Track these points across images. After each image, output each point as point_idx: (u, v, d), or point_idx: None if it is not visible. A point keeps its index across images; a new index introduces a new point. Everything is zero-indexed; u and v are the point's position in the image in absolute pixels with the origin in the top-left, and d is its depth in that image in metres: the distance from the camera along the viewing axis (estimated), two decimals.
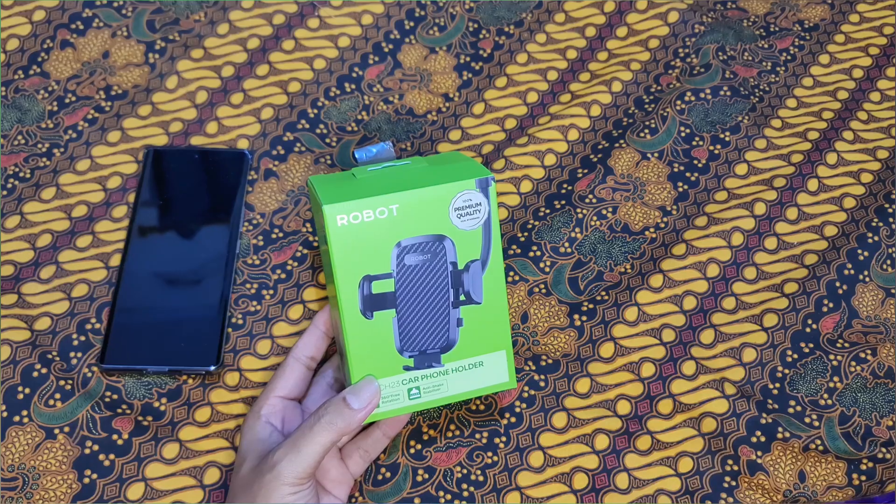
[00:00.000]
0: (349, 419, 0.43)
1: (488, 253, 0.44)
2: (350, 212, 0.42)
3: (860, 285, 0.57)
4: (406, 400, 0.45)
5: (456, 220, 0.43)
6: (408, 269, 0.44)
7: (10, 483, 0.49)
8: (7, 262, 0.55)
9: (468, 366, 0.45)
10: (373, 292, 0.43)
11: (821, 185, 0.61)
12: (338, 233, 0.42)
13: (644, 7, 0.67)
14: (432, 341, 0.45)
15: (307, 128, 0.61)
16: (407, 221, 0.43)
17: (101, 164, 0.58)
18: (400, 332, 0.44)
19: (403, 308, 0.44)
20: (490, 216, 0.44)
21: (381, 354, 0.44)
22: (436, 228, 0.43)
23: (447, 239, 0.44)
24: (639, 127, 0.62)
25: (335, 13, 0.64)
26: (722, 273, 0.58)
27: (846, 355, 0.55)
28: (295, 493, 0.42)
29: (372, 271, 0.43)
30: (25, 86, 0.60)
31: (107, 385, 0.52)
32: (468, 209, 0.43)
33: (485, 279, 0.44)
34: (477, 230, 0.44)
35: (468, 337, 0.45)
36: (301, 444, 0.42)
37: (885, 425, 0.53)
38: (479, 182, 0.43)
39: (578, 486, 0.51)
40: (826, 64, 0.66)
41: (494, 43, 0.65)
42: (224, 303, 0.54)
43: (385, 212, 0.42)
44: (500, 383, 0.46)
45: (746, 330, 0.56)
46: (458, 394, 0.46)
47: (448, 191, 0.43)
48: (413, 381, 0.45)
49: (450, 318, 0.45)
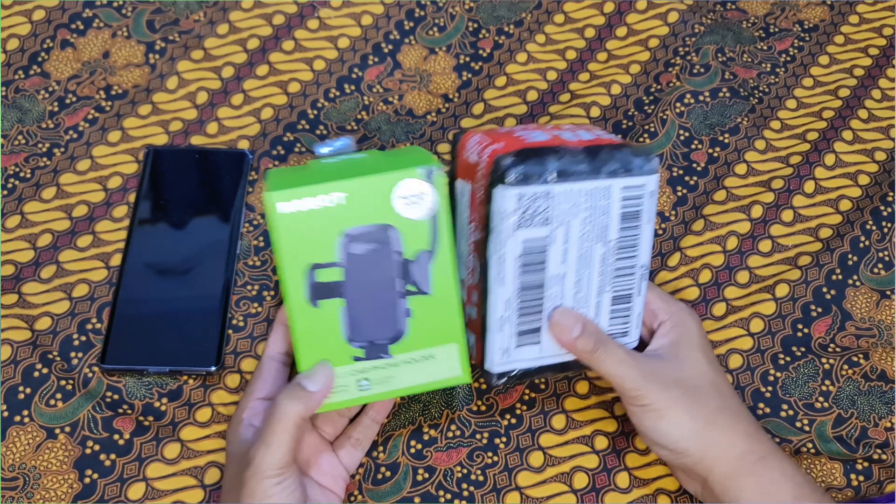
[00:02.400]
0: (306, 402, 0.43)
1: (436, 243, 0.44)
2: (290, 198, 0.42)
3: (850, 289, 0.57)
4: (356, 391, 0.44)
5: (401, 210, 0.43)
6: (354, 259, 0.43)
7: (11, 483, 0.49)
8: (7, 261, 0.55)
9: (419, 358, 0.45)
10: (319, 280, 0.43)
11: (817, 187, 0.61)
12: (281, 220, 0.42)
13: (644, 7, 0.67)
14: (380, 332, 0.44)
15: (307, 128, 0.61)
16: (352, 210, 0.43)
17: (101, 164, 0.58)
18: (348, 321, 0.44)
19: (351, 297, 0.44)
20: (437, 206, 0.43)
21: (328, 344, 0.44)
22: (381, 217, 0.43)
23: (392, 228, 0.43)
24: (638, 131, 0.62)
25: (335, 14, 0.64)
26: (714, 278, 0.58)
27: (838, 359, 0.55)
28: (277, 485, 0.42)
29: (318, 259, 0.43)
30: (26, 86, 0.60)
31: (107, 385, 0.52)
32: (413, 198, 0.43)
33: (433, 270, 0.44)
34: (425, 220, 0.43)
35: (418, 329, 0.44)
36: (267, 436, 0.43)
37: (882, 427, 0.53)
38: (423, 171, 0.43)
39: (579, 486, 0.51)
40: (826, 65, 0.66)
41: (494, 43, 0.65)
42: (225, 303, 0.54)
43: (330, 200, 0.42)
44: (453, 377, 0.45)
45: (735, 335, 0.56)
46: (409, 387, 0.45)
47: (391, 179, 0.43)
48: (362, 373, 0.44)
49: (397, 308, 0.44)
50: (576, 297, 0.45)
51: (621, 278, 0.46)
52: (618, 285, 0.46)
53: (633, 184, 0.44)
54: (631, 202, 0.44)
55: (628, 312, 0.47)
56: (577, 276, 0.45)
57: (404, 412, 0.53)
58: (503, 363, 0.45)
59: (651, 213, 0.45)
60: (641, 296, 0.47)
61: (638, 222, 0.45)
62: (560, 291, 0.45)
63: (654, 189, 0.45)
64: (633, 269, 0.46)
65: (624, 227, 0.45)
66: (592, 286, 0.45)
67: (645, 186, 0.44)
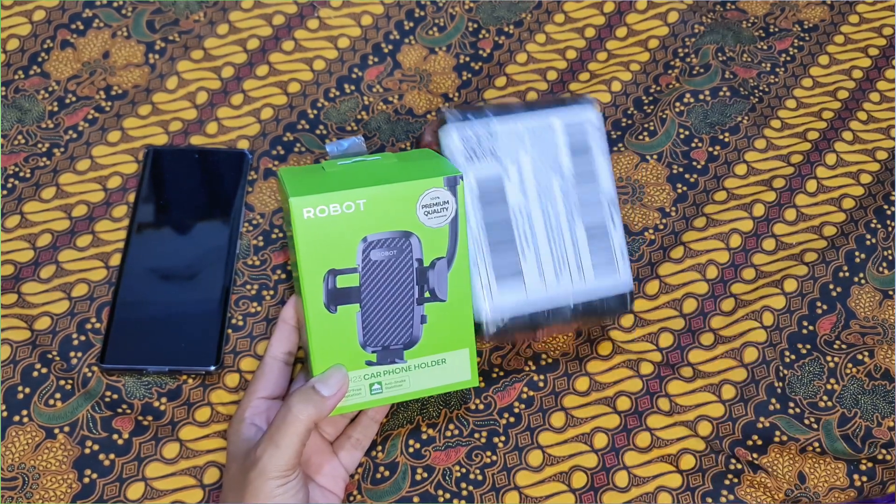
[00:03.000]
0: (319, 406, 0.43)
1: (454, 251, 0.44)
2: (317, 205, 0.42)
3: (856, 287, 0.57)
4: (368, 395, 0.45)
5: (423, 218, 0.44)
6: (373, 265, 0.44)
7: (10, 483, 0.49)
8: (7, 261, 0.55)
9: (431, 363, 0.45)
10: (337, 286, 0.43)
11: (820, 186, 0.61)
12: (304, 225, 0.42)
13: (644, 7, 0.67)
14: (396, 337, 0.45)
15: (307, 128, 0.61)
16: (373, 217, 0.43)
17: (101, 164, 0.58)
18: (363, 326, 0.44)
19: (367, 303, 0.44)
20: (457, 214, 0.44)
21: (343, 348, 0.44)
22: (402, 225, 0.43)
23: (413, 235, 0.44)
24: (637, 129, 0.62)
25: (335, 14, 0.65)
26: (720, 274, 0.58)
27: (843, 357, 0.55)
28: (282, 486, 0.42)
29: (337, 265, 0.43)
30: (26, 86, 0.60)
31: (107, 385, 0.52)
32: (435, 206, 0.44)
33: (450, 277, 0.44)
34: (444, 228, 0.44)
35: (431, 334, 0.45)
36: (277, 438, 0.43)
37: (885, 426, 0.53)
38: (448, 180, 0.43)
39: (577, 485, 0.51)
40: (825, 65, 0.66)
41: (494, 43, 0.65)
42: (224, 303, 0.54)
43: (352, 206, 0.43)
44: (463, 381, 0.46)
45: (749, 328, 0.56)
46: (420, 390, 0.46)
47: (416, 188, 0.43)
48: (375, 377, 0.45)
49: (414, 314, 0.45)
50: (547, 229, 0.46)
51: (588, 207, 0.47)
52: (587, 215, 0.47)
53: (572, 117, 0.47)
54: (576, 135, 0.47)
55: (609, 246, 0.47)
56: (543, 209, 0.46)
57: (402, 411, 0.52)
58: (488, 306, 0.46)
59: (603, 147, 0.47)
60: (618, 230, 0.47)
61: (589, 155, 0.47)
62: (529, 225, 0.46)
63: (598, 124, 0.47)
64: (598, 199, 0.47)
65: (576, 159, 0.47)
66: (561, 217, 0.46)
67: (585, 118, 0.47)
